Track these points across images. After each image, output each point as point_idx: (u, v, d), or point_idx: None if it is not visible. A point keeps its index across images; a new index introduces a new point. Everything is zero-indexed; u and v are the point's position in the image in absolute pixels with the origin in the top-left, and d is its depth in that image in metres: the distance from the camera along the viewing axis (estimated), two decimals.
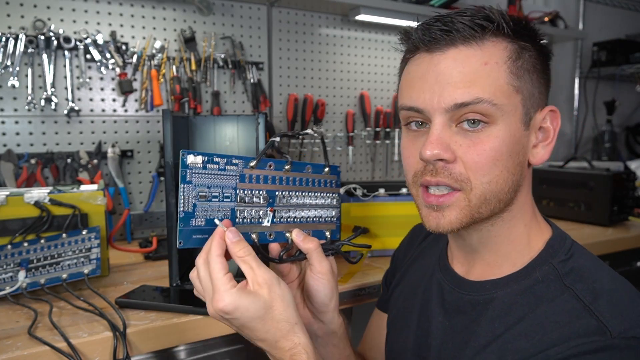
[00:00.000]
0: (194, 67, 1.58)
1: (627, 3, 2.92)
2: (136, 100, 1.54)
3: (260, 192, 0.67)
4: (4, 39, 1.34)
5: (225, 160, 0.64)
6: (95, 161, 1.46)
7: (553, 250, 0.62)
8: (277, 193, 0.68)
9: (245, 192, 0.66)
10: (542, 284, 0.59)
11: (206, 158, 0.62)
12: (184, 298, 0.94)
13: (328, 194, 0.74)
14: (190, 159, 0.61)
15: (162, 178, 1.56)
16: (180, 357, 0.99)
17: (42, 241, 0.99)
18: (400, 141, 0.66)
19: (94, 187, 1.15)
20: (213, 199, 0.63)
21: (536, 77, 0.60)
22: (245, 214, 0.65)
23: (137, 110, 1.54)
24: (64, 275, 0.96)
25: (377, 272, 1.16)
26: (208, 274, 0.58)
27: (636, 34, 2.78)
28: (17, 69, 1.36)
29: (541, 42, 0.61)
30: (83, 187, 1.15)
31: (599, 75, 2.65)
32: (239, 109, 1.71)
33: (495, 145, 0.57)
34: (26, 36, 1.36)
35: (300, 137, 0.69)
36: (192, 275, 0.61)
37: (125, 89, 1.48)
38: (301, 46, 1.83)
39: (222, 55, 1.64)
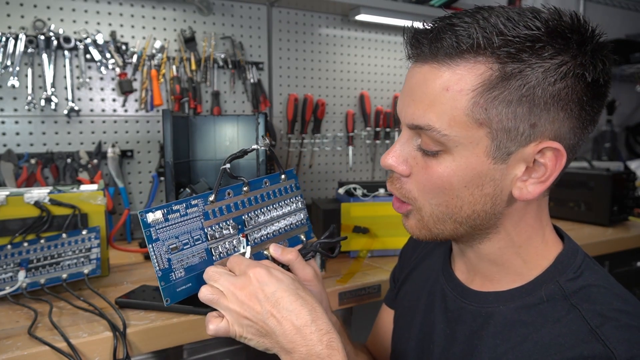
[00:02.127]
0: (194, 67, 1.58)
1: (627, 3, 2.92)
2: (136, 100, 1.54)
3: (228, 223, 0.66)
4: (4, 39, 1.34)
5: (184, 205, 0.63)
6: (95, 161, 1.46)
7: (562, 267, 0.59)
8: (244, 217, 0.68)
9: (214, 227, 0.65)
10: (548, 303, 0.56)
11: (165, 210, 0.61)
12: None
13: (292, 199, 0.74)
14: (150, 217, 0.60)
15: (162, 178, 1.56)
16: (180, 357, 1.00)
17: (42, 241, 0.99)
18: None
19: (94, 187, 1.15)
20: (185, 247, 0.62)
21: (528, 108, 0.51)
22: (220, 249, 0.65)
23: (137, 110, 1.54)
24: (64, 275, 0.96)
25: (377, 272, 1.16)
26: (231, 267, 0.60)
27: (636, 34, 2.78)
28: (17, 69, 1.36)
29: (587, 69, 0.51)
30: (83, 187, 1.15)
31: None
32: (239, 109, 1.71)
33: (443, 174, 0.55)
34: (26, 36, 1.36)
35: (248, 152, 0.69)
36: (204, 291, 0.58)
37: (125, 89, 1.48)
38: (301, 46, 1.83)
39: (222, 55, 1.64)
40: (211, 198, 0.65)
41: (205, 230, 0.64)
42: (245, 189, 0.69)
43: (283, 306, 0.56)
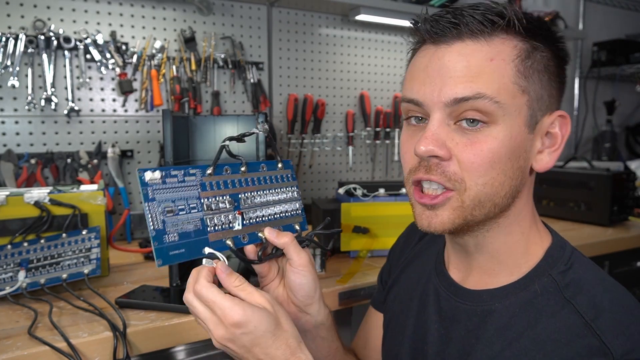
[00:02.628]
0: (194, 67, 1.58)
1: (627, 3, 2.92)
2: (136, 100, 1.54)
3: (225, 197, 0.67)
4: (4, 39, 1.34)
5: (182, 172, 0.65)
6: (95, 161, 1.46)
7: (552, 260, 0.60)
8: (240, 195, 0.69)
9: (210, 199, 0.66)
10: (542, 297, 0.57)
11: (164, 173, 0.63)
12: None
13: (287, 188, 0.75)
14: (149, 175, 0.61)
15: None
16: (180, 357, 1.00)
17: (42, 241, 1.00)
18: (400, 139, 0.65)
19: (94, 187, 1.15)
20: (180, 212, 0.63)
21: (547, 79, 0.57)
22: (216, 221, 0.66)
23: (137, 110, 1.54)
24: (64, 275, 0.96)
25: (377, 272, 1.16)
26: (204, 302, 0.58)
27: (636, 34, 2.78)
28: (17, 69, 1.36)
29: (558, 44, 0.59)
30: (83, 187, 1.15)
31: (599, 75, 2.65)
32: (239, 109, 1.71)
33: (493, 147, 0.55)
34: (26, 36, 1.36)
35: (247, 137, 0.70)
36: (191, 311, 0.60)
37: (125, 89, 1.48)
38: (301, 46, 1.83)
39: (222, 55, 1.64)
40: (209, 171, 0.67)
41: (202, 200, 0.65)
42: (243, 169, 0.70)
43: (260, 351, 0.57)
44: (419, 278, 0.75)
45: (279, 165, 0.75)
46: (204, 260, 0.62)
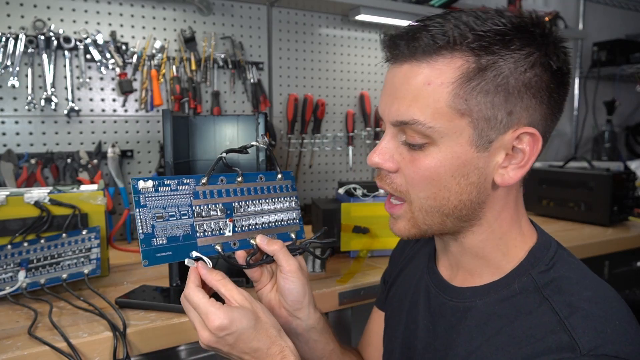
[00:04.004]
0: (194, 67, 1.58)
1: (627, 3, 2.92)
2: (136, 100, 1.54)
3: (217, 205, 0.69)
4: (4, 39, 1.34)
5: (176, 181, 0.66)
6: (95, 161, 1.46)
7: (534, 260, 0.61)
8: (233, 204, 0.70)
9: (202, 207, 0.68)
10: (521, 295, 0.58)
11: (157, 182, 0.65)
12: None
13: (286, 198, 0.76)
14: (141, 184, 0.64)
15: None
16: (180, 357, 1.00)
17: (42, 241, 1.00)
18: None
19: (94, 187, 1.15)
20: (170, 218, 0.65)
21: (504, 97, 0.54)
22: (205, 227, 0.67)
23: (137, 110, 1.54)
24: (64, 275, 0.96)
25: (377, 272, 1.16)
26: (192, 305, 0.62)
27: (636, 34, 2.78)
28: (17, 69, 1.36)
29: (551, 58, 0.55)
30: (83, 187, 1.15)
31: (599, 75, 2.65)
32: (239, 109, 1.71)
33: (430, 166, 0.57)
34: (26, 36, 1.36)
35: (247, 150, 0.72)
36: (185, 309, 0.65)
37: (125, 89, 1.48)
38: (301, 46, 1.83)
39: (222, 55, 1.64)
40: (203, 180, 0.68)
41: (193, 207, 0.67)
42: (239, 179, 0.71)
43: (244, 345, 0.62)
44: (413, 276, 0.77)
45: (279, 176, 0.76)
46: (187, 261, 0.64)
